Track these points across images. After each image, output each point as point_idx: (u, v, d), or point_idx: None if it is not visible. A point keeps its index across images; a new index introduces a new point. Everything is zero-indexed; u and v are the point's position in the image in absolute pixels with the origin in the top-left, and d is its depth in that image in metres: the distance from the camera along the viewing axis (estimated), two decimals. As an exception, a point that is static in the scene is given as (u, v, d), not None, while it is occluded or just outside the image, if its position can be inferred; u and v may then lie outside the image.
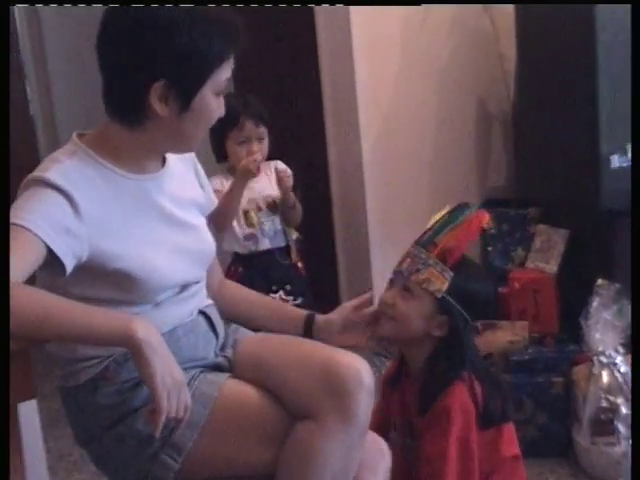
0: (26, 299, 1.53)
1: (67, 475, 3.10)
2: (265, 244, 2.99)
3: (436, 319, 2.03)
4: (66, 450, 3.18)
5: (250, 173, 2.90)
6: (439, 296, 2.01)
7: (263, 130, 2.99)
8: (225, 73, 1.75)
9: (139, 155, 1.80)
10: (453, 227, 2.04)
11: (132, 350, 1.57)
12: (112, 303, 1.69)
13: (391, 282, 2.09)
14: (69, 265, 1.65)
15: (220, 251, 2.08)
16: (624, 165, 2.97)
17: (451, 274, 2.01)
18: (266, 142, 3.00)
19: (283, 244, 3.03)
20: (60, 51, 5.18)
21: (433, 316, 2.03)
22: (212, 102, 1.75)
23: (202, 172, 2.02)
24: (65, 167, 1.70)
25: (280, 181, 2.98)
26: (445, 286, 2.00)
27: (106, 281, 1.73)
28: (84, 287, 1.71)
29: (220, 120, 1.83)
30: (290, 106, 3.72)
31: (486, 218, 2.07)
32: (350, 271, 3.50)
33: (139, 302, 1.77)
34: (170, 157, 1.90)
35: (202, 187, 2.01)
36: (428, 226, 2.08)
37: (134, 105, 1.72)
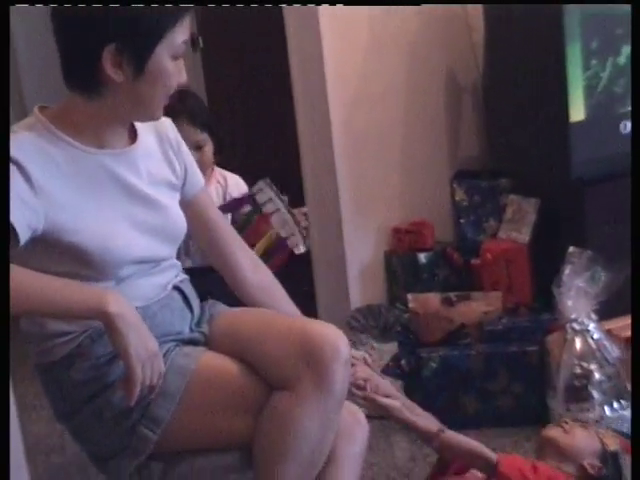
0: None
1: (46, 458, 3.09)
2: None
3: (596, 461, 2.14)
4: (44, 433, 3.17)
5: None
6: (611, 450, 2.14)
7: (203, 137, 2.62)
8: (180, 36, 1.72)
9: (100, 127, 1.77)
10: None
11: (105, 323, 1.58)
12: (71, 277, 1.68)
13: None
14: (23, 234, 1.62)
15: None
16: (592, 134, 2.99)
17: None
18: (207, 150, 2.64)
19: None
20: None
21: (596, 456, 2.14)
22: (168, 65, 1.72)
23: (186, 150, 1.97)
24: (20, 139, 1.68)
25: None
26: (616, 445, 2.15)
27: (63, 255, 1.71)
28: (42, 260, 1.69)
29: None
30: (258, 89, 3.70)
31: None
32: (323, 245, 3.50)
33: (99, 277, 1.75)
34: (143, 134, 1.87)
35: (186, 167, 1.95)
36: None
37: (88, 72, 1.69)
